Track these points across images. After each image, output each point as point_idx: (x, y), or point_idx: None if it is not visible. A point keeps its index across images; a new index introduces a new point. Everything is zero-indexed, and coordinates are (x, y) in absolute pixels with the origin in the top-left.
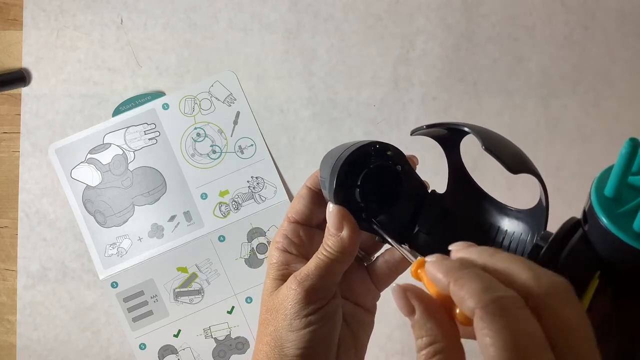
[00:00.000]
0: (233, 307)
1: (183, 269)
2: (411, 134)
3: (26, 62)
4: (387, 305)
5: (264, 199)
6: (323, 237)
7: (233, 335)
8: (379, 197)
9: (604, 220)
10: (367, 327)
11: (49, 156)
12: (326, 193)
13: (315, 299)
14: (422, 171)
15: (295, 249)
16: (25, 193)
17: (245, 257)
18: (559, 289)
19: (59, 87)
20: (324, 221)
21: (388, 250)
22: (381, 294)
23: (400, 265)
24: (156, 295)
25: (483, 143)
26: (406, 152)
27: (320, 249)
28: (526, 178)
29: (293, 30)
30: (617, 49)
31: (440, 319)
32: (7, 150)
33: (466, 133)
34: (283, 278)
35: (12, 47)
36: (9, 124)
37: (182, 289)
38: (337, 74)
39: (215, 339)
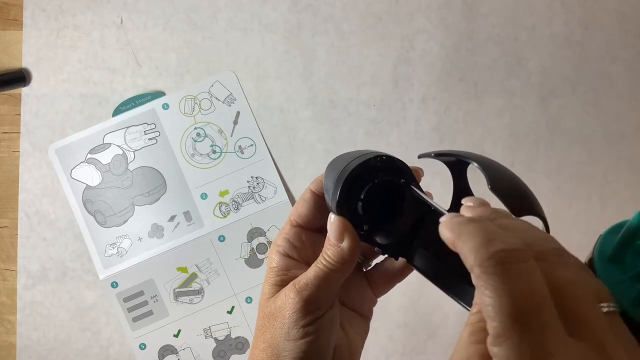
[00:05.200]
0: (233, 307)
1: (183, 269)
2: (419, 157)
3: (26, 62)
4: (388, 305)
5: (264, 199)
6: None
7: (233, 335)
8: (382, 210)
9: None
10: (362, 332)
11: (49, 156)
12: (329, 201)
13: (313, 308)
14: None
15: (296, 254)
16: (25, 193)
17: (245, 257)
18: (557, 251)
19: (59, 87)
20: (326, 226)
21: (388, 258)
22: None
23: (399, 274)
24: (156, 295)
25: (489, 182)
26: (409, 154)
27: (320, 258)
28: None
29: (293, 30)
30: (617, 49)
31: None
32: (7, 150)
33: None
34: (282, 284)
35: (12, 47)
36: (9, 124)
37: (182, 289)
38: (337, 74)
39: (215, 339)
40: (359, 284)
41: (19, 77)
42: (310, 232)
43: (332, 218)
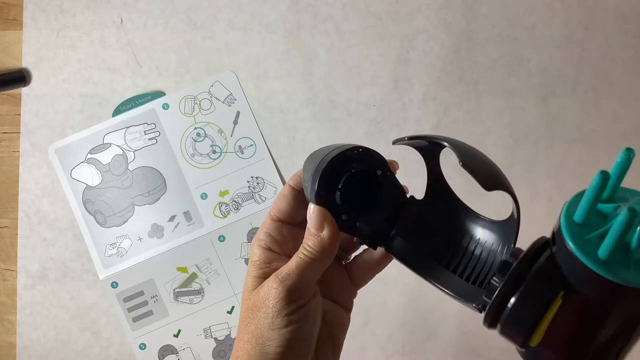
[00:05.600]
0: (233, 307)
1: (183, 269)
2: (393, 144)
3: (26, 62)
4: (388, 305)
5: (264, 199)
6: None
7: (233, 335)
8: (359, 200)
9: (570, 244)
10: (344, 324)
11: (49, 156)
12: (308, 194)
13: (296, 297)
14: (408, 172)
15: (277, 247)
16: (25, 193)
17: (245, 257)
18: None
19: (59, 87)
20: (306, 220)
21: (366, 250)
22: (381, 294)
23: (378, 264)
24: (156, 295)
25: (460, 159)
26: (398, 154)
27: (301, 249)
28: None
29: (293, 30)
30: (617, 49)
31: None
32: (7, 150)
33: (445, 146)
34: (264, 276)
35: (12, 47)
36: (9, 124)
37: (182, 289)
38: (337, 74)
39: (215, 339)
40: (339, 276)
41: (19, 77)
42: (290, 226)
43: (312, 208)
